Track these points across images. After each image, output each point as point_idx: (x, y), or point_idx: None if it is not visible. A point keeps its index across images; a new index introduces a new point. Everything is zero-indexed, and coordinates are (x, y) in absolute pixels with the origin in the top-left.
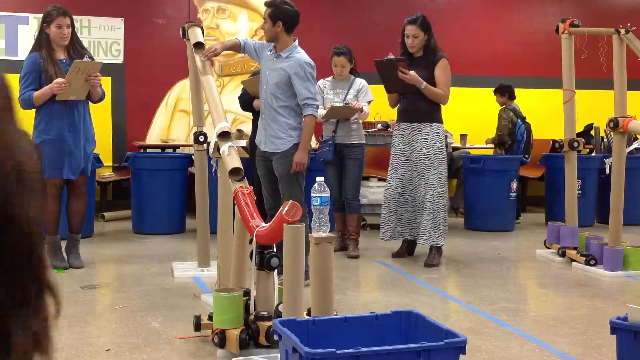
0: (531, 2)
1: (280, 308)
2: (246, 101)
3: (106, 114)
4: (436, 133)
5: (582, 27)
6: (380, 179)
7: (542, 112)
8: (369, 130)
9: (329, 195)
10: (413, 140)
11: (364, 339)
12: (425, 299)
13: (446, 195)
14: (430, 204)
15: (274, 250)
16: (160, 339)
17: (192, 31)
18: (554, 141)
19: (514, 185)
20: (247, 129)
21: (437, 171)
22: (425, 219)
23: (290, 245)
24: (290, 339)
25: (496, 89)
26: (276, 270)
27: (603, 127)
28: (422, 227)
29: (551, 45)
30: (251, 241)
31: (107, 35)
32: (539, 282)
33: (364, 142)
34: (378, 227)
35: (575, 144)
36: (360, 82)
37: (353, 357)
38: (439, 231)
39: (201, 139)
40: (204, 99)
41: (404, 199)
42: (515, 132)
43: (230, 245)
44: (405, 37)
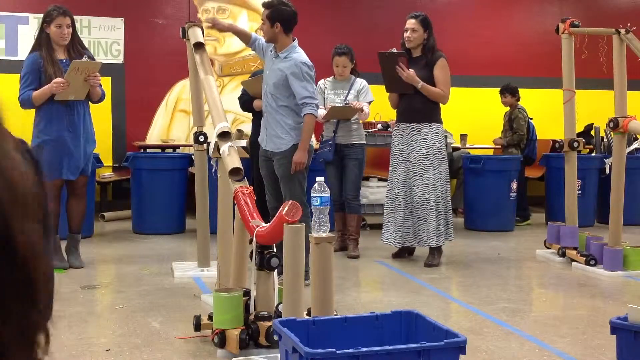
0: (531, 2)
1: (280, 308)
2: (246, 102)
3: (106, 114)
4: (435, 133)
5: (582, 27)
6: (380, 179)
7: (542, 112)
8: (369, 130)
9: (329, 195)
10: (412, 141)
11: (364, 339)
12: (425, 299)
13: (448, 196)
14: (434, 204)
15: (274, 250)
16: (160, 339)
17: (192, 31)
18: (554, 141)
19: (514, 185)
20: (247, 129)
21: (438, 171)
22: (426, 220)
23: (290, 245)
24: (290, 339)
25: (505, 90)
26: (276, 270)
27: (603, 127)
28: (422, 229)
29: (551, 45)
30: (251, 241)
31: (107, 35)
32: (539, 282)
33: (365, 142)
34: (378, 227)
35: (575, 144)
36: (360, 82)
37: (353, 357)
38: (440, 232)
39: (201, 139)
40: (204, 99)
41: (403, 200)
42: (531, 133)
43: (230, 245)
44: (405, 31)
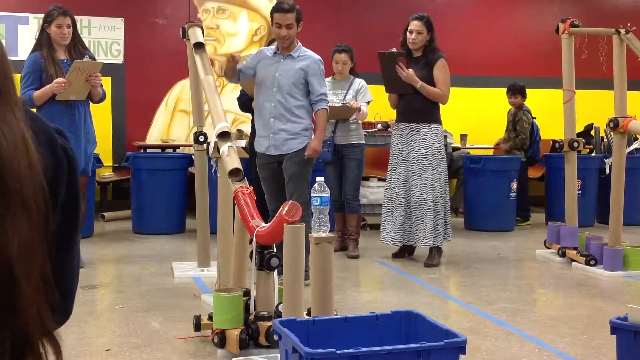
0: (531, 2)
1: (280, 308)
2: (245, 102)
3: (106, 114)
4: (434, 133)
5: (582, 27)
6: (380, 179)
7: (542, 112)
8: (369, 130)
9: (329, 195)
10: (411, 141)
11: (364, 339)
12: (425, 299)
13: (447, 196)
14: (432, 204)
15: (274, 250)
16: (160, 339)
17: (192, 31)
18: (554, 141)
19: (514, 185)
20: (247, 129)
21: (437, 171)
22: (423, 220)
23: (290, 245)
24: (290, 339)
25: (515, 89)
26: (276, 270)
27: (603, 127)
28: (420, 229)
29: (551, 45)
30: (251, 241)
31: (107, 35)
32: (539, 282)
33: (363, 142)
34: (378, 227)
35: (575, 144)
36: (359, 82)
37: (353, 357)
38: (437, 232)
39: (201, 139)
40: (204, 99)
41: (404, 199)
42: (535, 133)
43: (230, 245)
44: (409, 33)
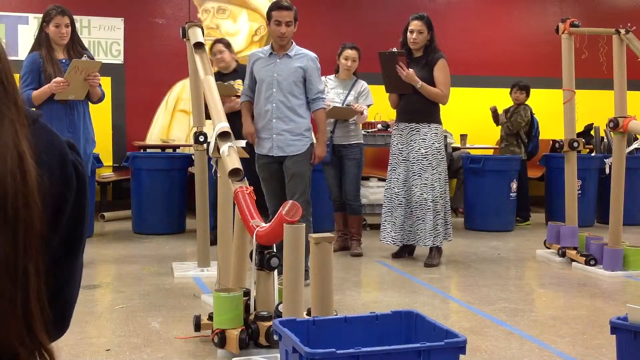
0: (531, 2)
1: (280, 308)
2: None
3: (106, 114)
4: (434, 133)
5: (582, 27)
6: (380, 179)
7: (542, 112)
8: (369, 130)
9: None
10: (411, 140)
11: (364, 339)
12: (425, 299)
13: (447, 196)
14: (432, 204)
15: (274, 250)
16: (160, 339)
17: (192, 31)
18: (554, 141)
19: (514, 185)
20: None
21: (436, 171)
22: (423, 220)
23: (290, 245)
24: (290, 339)
25: (521, 87)
26: (276, 270)
27: (603, 127)
28: (420, 229)
29: (551, 45)
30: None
31: (107, 35)
32: (539, 282)
33: (362, 142)
34: (378, 227)
35: (575, 144)
36: (362, 84)
37: (353, 357)
38: (437, 232)
39: (201, 139)
40: (203, 99)
41: (404, 199)
42: (535, 129)
43: (230, 245)
44: (409, 33)
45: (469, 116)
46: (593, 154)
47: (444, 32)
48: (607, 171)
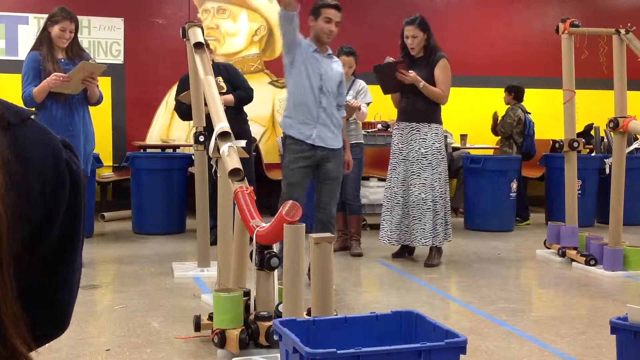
0: (531, 2)
1: (280, 308)
2: (184, 111)
3: (106, 114)
4: (435, 133)
5: (582, 27)
6: (380, 179)
7: (542, 112)
8: (369, 130)
9: None
10: (411, 140)
11: (364, 339)
12: (425, 299)
13: (447, 196)
14: (432, 204)
15: (274, 250)
16: (160, 339)
17: (192, 31)
18: (554, 141)
19: (514, 185)
20: None
21: (436, 171)
22: (420, 220)
23: (290, 245)
24: (290, 339)
25: (506, 88)
26: (276, 270)
27: (603, 127)
28: (416, 228)
29: (551, 45)
30: (251, 241)
31: (107, 35)
32: (539, 282)
33: (362, 141)
34: (378, 227)
35: (575, 144)
36: (360, 83)
37: (353, 357)
38: (437, 232)
39: (201, 139)
40: (203, 98)
41: (402, 199)
42: (527, 128)
43: (230, 245)
44: (405, 38)
45: (469, 116)
46: (593, 154)
47: (443, 32)
48: (607, 171)
